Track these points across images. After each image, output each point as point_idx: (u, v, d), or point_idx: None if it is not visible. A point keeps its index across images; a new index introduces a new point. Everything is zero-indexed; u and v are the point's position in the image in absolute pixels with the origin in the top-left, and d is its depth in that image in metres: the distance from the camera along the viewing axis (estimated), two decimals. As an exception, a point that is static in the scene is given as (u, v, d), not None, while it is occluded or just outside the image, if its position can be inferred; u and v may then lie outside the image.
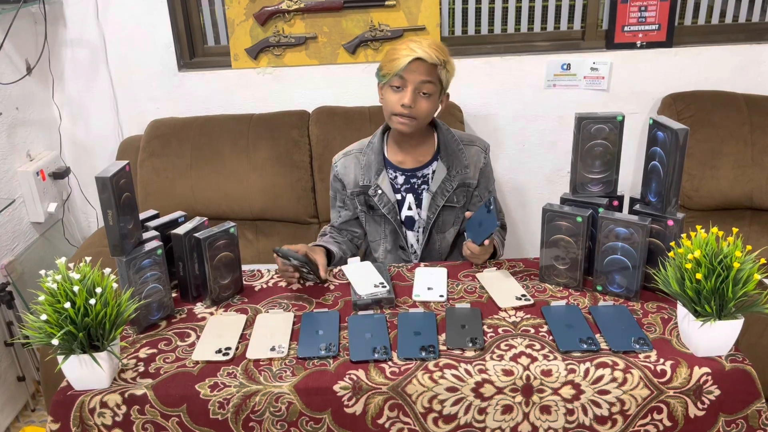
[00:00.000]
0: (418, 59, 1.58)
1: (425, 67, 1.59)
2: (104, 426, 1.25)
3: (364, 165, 1.77)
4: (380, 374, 1.26)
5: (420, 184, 1.77)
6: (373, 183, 1.75)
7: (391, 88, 1.64)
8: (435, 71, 1.61)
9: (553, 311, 1.42)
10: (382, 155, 1.77)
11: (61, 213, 2.60)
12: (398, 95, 1.63)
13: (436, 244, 1.81)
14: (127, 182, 1.40)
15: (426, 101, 1.63)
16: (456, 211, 1.79)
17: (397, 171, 1.77)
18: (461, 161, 1.75)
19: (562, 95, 2.53)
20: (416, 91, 1.61)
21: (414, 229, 1.81)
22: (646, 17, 2.42)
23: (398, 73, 1.60)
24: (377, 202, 1.76)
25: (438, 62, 1.60)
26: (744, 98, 2.35)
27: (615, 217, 1.42)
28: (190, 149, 2.40)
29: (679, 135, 1.34)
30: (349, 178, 1.79)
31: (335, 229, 1.88)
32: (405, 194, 1.77)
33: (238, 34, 2.49)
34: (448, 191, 1.74)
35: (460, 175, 1.75)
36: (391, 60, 1.61)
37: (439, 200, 1.74)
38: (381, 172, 1.75)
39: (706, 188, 2.31)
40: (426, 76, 1.60)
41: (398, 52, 1.61)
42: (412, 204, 1.78)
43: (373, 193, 1.75)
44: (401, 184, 1.77)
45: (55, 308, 1.18)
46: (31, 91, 2.46)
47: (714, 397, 1.24)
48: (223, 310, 1.50)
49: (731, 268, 1.17)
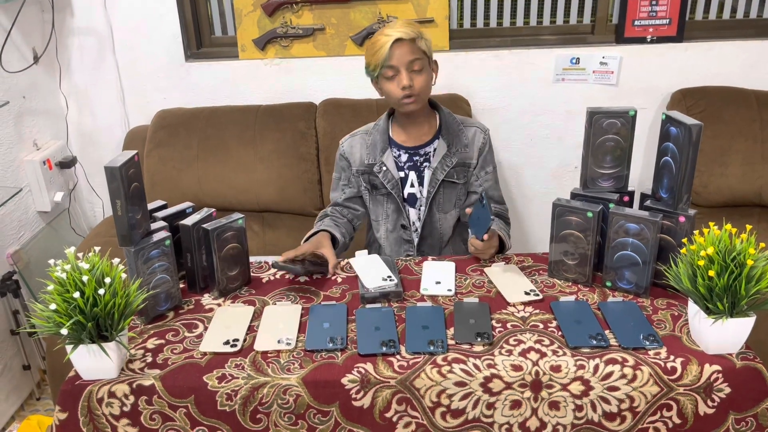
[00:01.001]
0: (396, 41, 1.65)
1: (407, 45, 1.66)
2: (112, 416, 1.25)
3: (369, 144, 1.84)
4: (388, 368, 1.25)
5: (422, 162, 1.82)
6: (378, 160, 1.80)
7: (386, 78, 1.71)
8: (416, 45, 1.68)
9: (562, 307, 1.41)
10: (387, 135, 1.84)
11: (68, 202, 2.60)
12: (395, 82, 1.70)
13: (438, 223, 1.85)
14: (136, 172, 1.39)
15: (421, 76, 1.70)
16: (456, 189, 1.84)
17: (400, 149, 1.83)
18: (461, 140, 1.81)
19: (570, 90, 2.51)
20: (409, 71, 1.68)
21: (416, 207, 1.86)
22: (657, 11, 2.40)
23: (386, 63, 1.67)
24: (382, 179, 1.81)
25: (415, 35, 1.67)
26: (754, 94, 2.33)
27: (626, 212, 1.42)
28: (197, 140, 2.39)
29: (692, 130, 1.33)
30: (354, 157, 1.85)
31: (338, 206, 1.91)
32: (408, 172, 1.83)
33: (246, 24, 2.48)
34: (448, 167, 1.79)
35: (459, 153, 1.80)
36: (374, 53, 1.69)
37: (439, 174, 1.80)
38: (386, 150, 1.81)
39: (715, 185, 2.30)
40: (411, 54, 1.67)
41: (377, 44, 1.69)
42: (414, 181, 1.84)
43: (378, 170, 1.81)
44: (404, 161, 1.83)
45: (64, 298, 1.17)
46: (38, 80, 2.45)
47: (724, 395, 1.23)
48: (231, 301, 1.50)
49: (744, 265, 1.16)
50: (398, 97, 1.70)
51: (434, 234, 1.87)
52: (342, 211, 1.90)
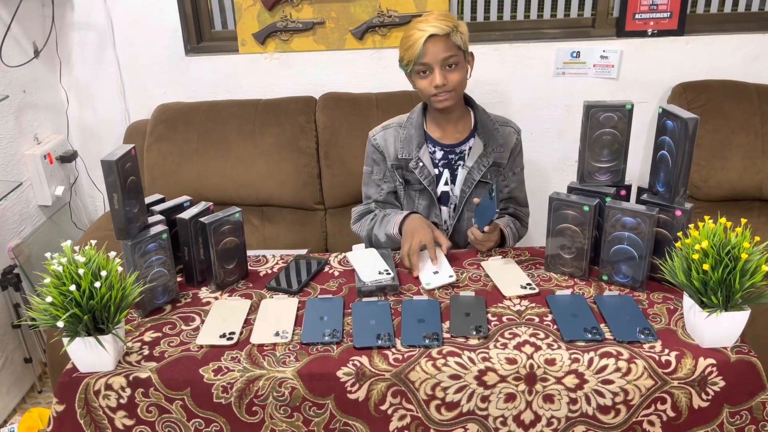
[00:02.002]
0: (431, 37, 1.59)
1: (441, 42, 1.60)
2: (109, 408, 1.26)
3: (404, 138, 1.78)
4: (383, 361, 1.26)
5: (456, 160, 1.79)
6: (414, 156, 1.76)
7: (419, 75, 1.65)
8: (450, 41, 1.62)
9: (558, 300, 1.41)
10: (423, 129, 1.78)
11: (68, 196, 2.61)
12: (428, 79, 1.65)
13: (466, 221, 1.82)
14: (133, 166, 1.40)
15: (455, 73, 1.64)
16: (487, 188, 1.79)
17: (436, 146, 1.79)
18: (497, 139, 1.78)
19: (571, 83, 2.50)
20: (443, 68, 1.63)
21: (448, 205, 1.82)
22: (658, 5, 2.39)
23: (419, 60, 1.61)
24: (418, 174, 1.77)
25: (450, 29, 1.61)
26: (755, 88, 2.32)
27: (622, 206, 1.41)
28: (197, 134, 2.39)
29: (688, 124, 1.33)
30: (389, 150, 1.80)
31: (379, 203, 1.85)
32: (442, 169, 1.79)
33: (246, 18, 2.48)
34: (484, 167, 1.76)
35: (495, 153, 1.77)
36: (407, 48, 1.63)
37: (476, 175, 1.76)
38: (422, 145, 1.76)
39: (715, 179, 2.29)
40: (445, 51, 1.61)
41: (411, 38, 1.62)
42: (448, 179, 1.80)
43: (414, 165, 1.76)
44: (439, 159, 1.79)
45: (60, 291, 1.18)
46: (38, 74, 2.46)
47: (718, 388, 1.23)
48: (228, 294, 1.51)
49: (739, 259, 1.16)
50: (430, 94, 1.66)
51: (462, 232, 1.83)
52: (385, 207, 1.85)
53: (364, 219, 1.83)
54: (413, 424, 1.26)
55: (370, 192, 1.86)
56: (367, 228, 1.80)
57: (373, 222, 1.79)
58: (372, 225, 1.78)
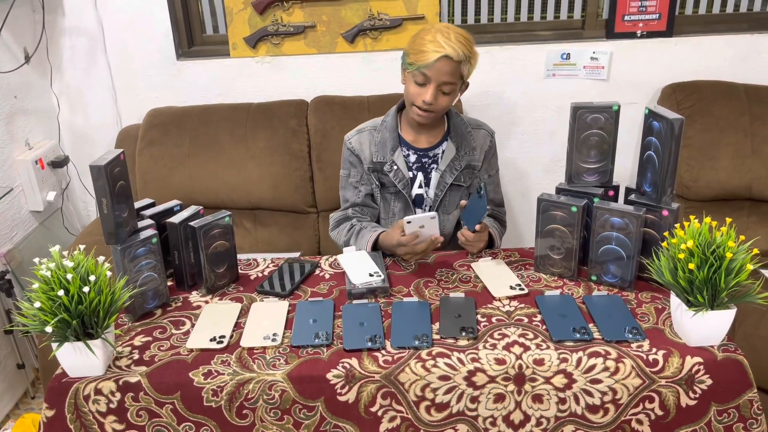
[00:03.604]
0: (444, 57, 1.59)
1: (450, 65, 1.61)
2: (99, 413, 1.26)
3: (378, 142, 1.80)
4: (373, 363, 1.26)
5: (430, 163, 1.82)
6: (389, 159, 1.78)
7: (414, 81, 1.66)
8: (459, 68, 1.63)
9: (547, 301, 1.42)
10: (397, 133, 1.81)
11: (60, 202, 2.61)
12: (420, 90, 1.66)
13: (441, 224, 1.83)
14: (122, 171, 1.40)
15: (446, 98, 1.67)
16: (461, 191, 1.83)
17: (410, 149, 1.81)
18: (470, 143, 1.80)
19: (561, 85, 2.51)
20: (438, 89, 1.64)
21: (422, 207, 1.85)
22: (647, 6, 2.41)
23: (423, 69, 1.62)
24: (392, 178, 1.79)
25: (463, 58, 1.62)
26: (744, 88, 2.34)
27: (610, 207, 1.42)
28: (189, 138, 2.39)
29: (674, 125, 1.34)
30: (364, 153, 1.82)
31: (357, 207, 1.86)
32: (416, 172, 1.82)
33: (237, 22, 2.49)
34: (457, 170, 1.79)
35: (468, 156, 1.80)
36: (419, 52, 1.62)
37: (448, 178, 1.79)
38: (396, 148, 1.79)
39: (705, 178, 2.30)
40: (449, 76, 1.62)
41: (426, 45, 1.61)
42: (422, 182, 1.82)
43: (389, 169, 1.79)
44: (413, 162, 1.82)
45: (48, 296, 1.18)
46: (29, 79, 2.46)
47: (706, 386, 1.24)
48: (218, 298, 1.51)
49: (724, 258, 1.17)
50: (414, 102, 1.68)
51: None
52: (363, 211, 1.86)
53: (342, 227, 1.85)
54: (403, 425, 1.27)
55: (347, 195, 1.88)
56: (344, 239, 1.82)
57: (349, 234, 1.81)
58: (348, 237, 1.80)
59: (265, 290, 1.52)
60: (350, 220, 1.85)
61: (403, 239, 1.55)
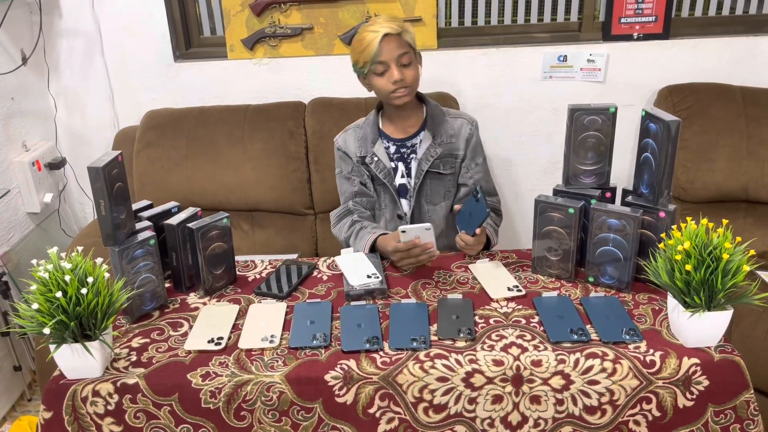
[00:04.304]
0: (385, 36, 1.68)
1: (395, 40, 1.69)
2: (96, 415, 1.26)
3: (360, 138, 1.87)
4: (371, 364, 1.26)
5: (409, 153, 1.86)
6: (370, 152, 1.84)
7: (376, 74, 1.73)
8: (403, 39, 1.71)
9: (544, 302, 1.42)
10: (377, 127, 1.88)
11: (57, 203, 2.60)
12: (386, 77, 1.72)
13: (427, 214, 1.88)
14: (120, 172, 1.40)
15: (410, 69, 1.73)
16: (444, 181, 1.87)
17: (389, 141, 1.87)
18: (447, 131, 1.85)
19: (558, 87, 2.52)
20: (399, 65, 1.71)
21: (407, 197, 1.88)
22: (643, 9, 2.41)
23: (376, 60, 1.70)
24: (374, 169, 1.84)
25: (401, 29, 1.71)
26: (740, 90, 2.35)
27: (607, 208, 1.43)
28: (186, 140, 2.39)
29: (671, 127, 1.34)
30: (350, 149, 1.89)
31: (356, 197, 1.89)
32: (397, 163, 1.86)
33: (234, 24, 2.49)
34: (432, 157, 1.82)
35: (445, 144, 1.83)
36: (362, 50, 1.71)
37: (424, 165, 1.83)
38: (376, 141, 1.85)
39: (702, 180, 2.31)
40: (399, 48, 1.70)
41: (365, 40, 1.71)
42: (403, 172, 1.87)
43: (371, 160, 1.84)
44: (393, 153, 1.87)
45: (46, 297, 1.18)
46: (26, 81, 2.45)
47: (703, 387, 1.24)
48: (216, 300, 1.51)
49: (720, 259, 1.17)
50: (389, 91, 1.73)
51: (420, 221, 1.86)
52: (362, 202, 1.90)
53: (343, 222, 1.88)
54: (401, 426, 1.27)
55: (344, 188, 1.93)
56: (344, 235, 1.85)
57: (350, 232, 1.83)
58: (349, 235, 1.83)
59: (263, 292, 1.52)
60: (351, 215, 1.88)
61: (400, 246, 1.56)
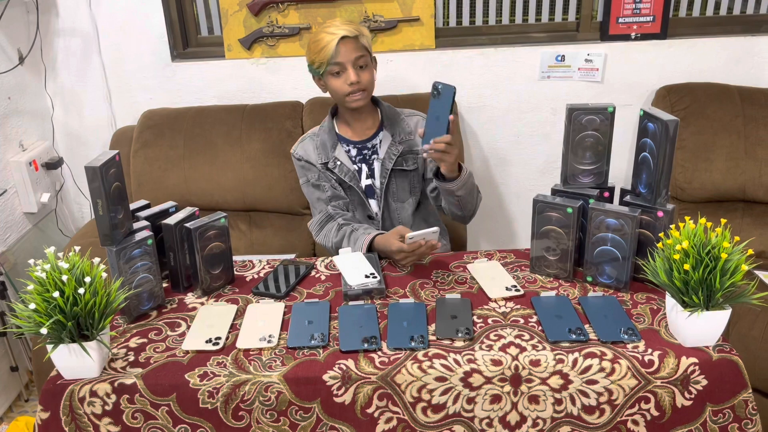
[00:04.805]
0: (342, 38, 1.70)
1: (352, 43, 1.71)
2: (94, 415, 1.26)
3: (319, 145, 1.88)
4: (369, 364, 1.26)
5: (370, 155, 1.88)
6: (331, 156, 1.85)
7: (332, 75, 1.75)
8: (360, 42, 1.73)
9: (542, 302, 1.42)
10: (334, 132, 1.88)
11: (54, 203, 2.60)
12: (341, 78, 1.74)
13: (396, 212, 1.90)
14: (117, 172, 1.40)
15: (366, 72, 1.76)
16: (409, 177, 1.88)
17: (349, 144, 1.88)
18: (404, 128, 1.87)
19: (556, 87, 2.52)
20: (355, 68, 1.73)
21: (375, 197, 1.90)
22: (641, 9, 2.42)
23: (332, 61, 1.71)
24: (338, 173, 1.85)
25: (358, 33, 1.73)
26: (738, 90, 2.35)
27: (605, 208, 1.43)
28: (184, 140, 2.39)
29: (669, 126, 1.34)
30: (312, 158, 1.89)
31: (334, 203, 1.86)
32: (360, 165, 1.88)
33: (232, 24, 2.48)
34: (395, 155, 1.84)
35: (405, 141, 1.85)
36: (319, 51, 1.72)
37: (388, 164, 1.85)
38: (336, 145, 1.86)
39: (699, 180, 2.31)
40: (356, 51, 1.72)
41: (322, 41, 1.72)
42: (367, 173, 1.88)
43: (333, 165, 1.85)
44: (354, 155, 1.89)
45: (44, 297, 1.18)
46: (23, 80, 2.45)
47: (701, 387, 1.24)
48: (214, 300, 1.50)
49: (719, 258, 1.17)
50: (345, 93, 1.74)
51: (395, 224, 1.89)
52: (339, 204, 1.88)
53: (328, 228, 1.85)
54: (399, 426, 1.27)
55: (315, 195, 1.90)
56: (334, 240, 1.81)
57: (340, 236, 1.80)
58: (340, 239, 1.80)
59: (261, 292, 1.52)
60: (334, 219, 1.85)
61: (405, 247, 1.55)
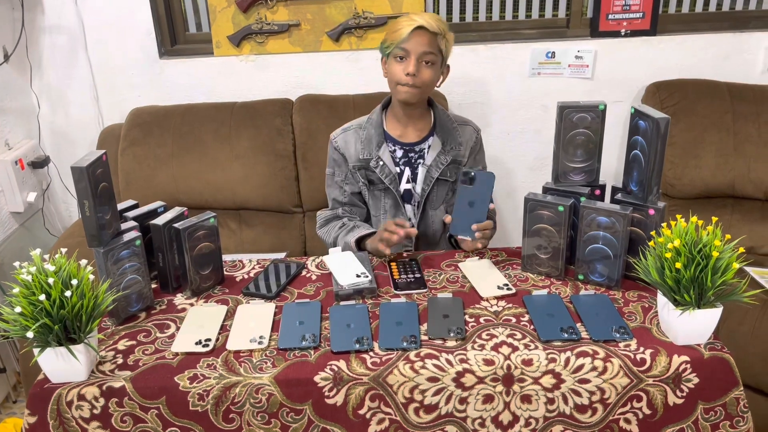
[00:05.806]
0: (419, 28, 1.65)
1: (427, 37, 1.66)
2: (82, 419, 1.24)
3: (364, 139, 1.81)
4: (361, 365, 1.25)
5: (416, 158, 1.83)
6: (375, 155, 1.79)
7: (395, 59, 1.70)
8: (435, 41, 1.67)
9: (534, 300, 1.42)
10: (382, 129, 1.82)
11: (41, 203, 2.57)
12: (402, 65, 1.68)
13: (430, 219, 1.86)
14: (104, 172, 1.38)
15: (429, 70, 1.69)
16: (447, 186, 1.84)
17: (396, 144, 1.82)
18: (455, 138, 1.82)
19: (546, 83, 2.52)
20: (419, 61, 1.67)
21: (411, 203, 1.85)
22: (631, 5, 2.42)
23: (401, 45, 1.66)
24: (379, 174, 1.80)
25: (438, 31, 1.67)
26: (727, 87, 2.36)
27: (596, 206, 1.42)
28: (172, 138, 2.37)
29: (660, 124, 1.34)
30: (350, 152, 1.83)
31: (347, 208, 1.87)
32: (403, 168, 1.83)
33: (220, 21, 2.46)
34: (443, 164, 1.80)
35: (453, 151, 1.81)
36: (394, 31, 1.68)
37: (434, 172, 1.80)
38: (382, 144, 1.80)
39: (689, 177, 2.32)
40: (427, 46, 1.66)
41: (400, 23, 1.68)
42: (409, 177, 1.83)
43: (375, 165, 1.79)
44: (399, 157, 1.82)
45: (30, 300, 1.16)
46: (8, 78, 2.41)
47: (693, 385, 1.24)
48: (204, 301, 1.49)
49: (710, 257, 1.17)
50: (398, 82, 1.69)
51: (429, 230, 1.86)
52: (352, 211, 1.87)
53: (332, 225, 1.85)
54: (392, 427, 1.26)
55: (334, 194, 1.89)
56: (333, 235, 1.81)
57: (339, 231, 1.80)
58: (338, 234, 1.80)
59: (251, 292, 1.51)
60: (341, 219, 1.85)
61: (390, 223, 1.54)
